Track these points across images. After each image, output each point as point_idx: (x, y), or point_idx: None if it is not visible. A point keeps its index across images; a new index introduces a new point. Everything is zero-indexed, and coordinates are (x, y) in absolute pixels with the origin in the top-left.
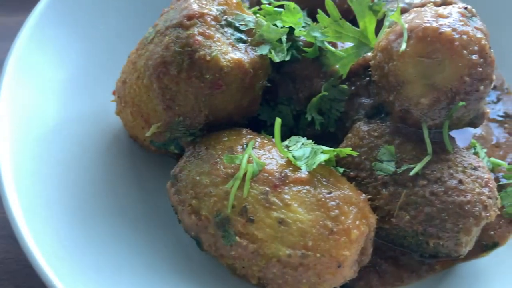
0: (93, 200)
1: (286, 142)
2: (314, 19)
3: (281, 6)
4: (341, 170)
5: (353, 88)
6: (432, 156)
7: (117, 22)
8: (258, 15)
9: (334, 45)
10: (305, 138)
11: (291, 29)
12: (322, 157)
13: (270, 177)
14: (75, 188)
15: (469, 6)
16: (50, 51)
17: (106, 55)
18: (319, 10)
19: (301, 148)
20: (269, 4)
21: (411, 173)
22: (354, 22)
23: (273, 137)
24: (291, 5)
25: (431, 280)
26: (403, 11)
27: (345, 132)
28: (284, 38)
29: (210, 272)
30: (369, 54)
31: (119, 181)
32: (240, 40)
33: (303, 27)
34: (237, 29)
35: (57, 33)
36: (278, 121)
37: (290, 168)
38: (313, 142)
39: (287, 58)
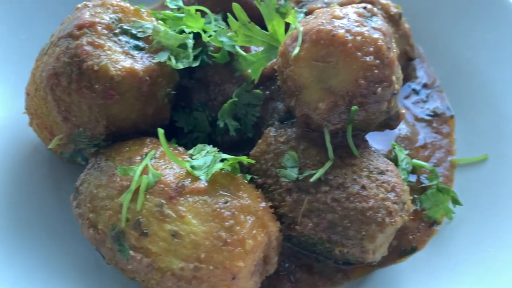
0: (4, 213)
1: (191, 151)
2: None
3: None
4: (249, 177)
5: (267, 92)
6: (337, 161)
7: (39, 30)
8: (159, 21)
9: (247, 49)
10: (211, 146)
11: (199, 35)
12: (218, 166)
13: (166, 188)
14: None
15: (369, 6)
16: None
17: (26, 65)
18: (228, 14)
19: (205, 156)
20: (179, 9)
21: (312, 179)
22: None
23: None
24: (192, 10)
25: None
26: None
27: None
28: (190, 43)
29: (124, 284)
30: None
31: (35, 192)
32: (137, 48)
33: (215, 31)
34: (133, 36)
35: None
36: (160, 131)
37: (189, 179)
38: (218, 150)
39: (195, 64)
